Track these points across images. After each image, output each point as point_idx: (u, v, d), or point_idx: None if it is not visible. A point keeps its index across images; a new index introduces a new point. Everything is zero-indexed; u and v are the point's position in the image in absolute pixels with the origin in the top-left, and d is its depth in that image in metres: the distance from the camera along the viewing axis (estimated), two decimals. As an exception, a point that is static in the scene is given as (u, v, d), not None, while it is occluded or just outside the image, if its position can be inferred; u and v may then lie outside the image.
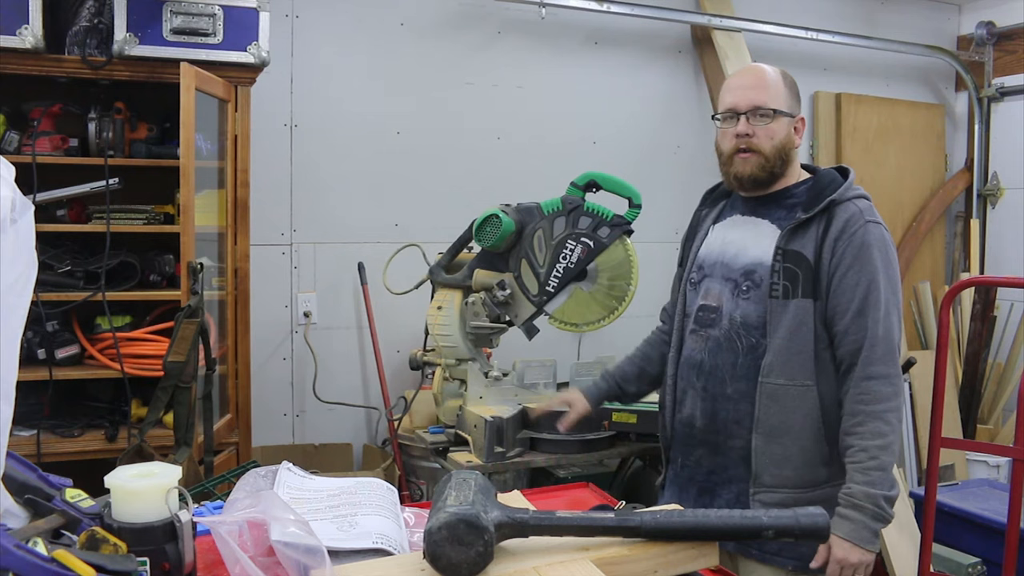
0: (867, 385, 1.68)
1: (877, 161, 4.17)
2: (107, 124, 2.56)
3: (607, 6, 3.50)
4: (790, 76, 1.86)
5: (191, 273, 2.32)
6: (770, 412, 1.74)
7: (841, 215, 1.73)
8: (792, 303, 1.73)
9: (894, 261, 1.75)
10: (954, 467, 3.48)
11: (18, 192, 1.01)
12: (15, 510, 1.00)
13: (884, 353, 1.69)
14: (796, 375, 1.73)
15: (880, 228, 1.74)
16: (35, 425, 2.43)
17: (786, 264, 1.74)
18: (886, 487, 1.64)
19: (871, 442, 1.65)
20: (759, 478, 1.76)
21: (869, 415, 1.66)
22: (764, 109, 1.78)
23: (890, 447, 1.66)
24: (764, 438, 1.75)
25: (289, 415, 3.24)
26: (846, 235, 1.71)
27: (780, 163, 1.80)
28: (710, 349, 1.83)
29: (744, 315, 1.79)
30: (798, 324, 1.72)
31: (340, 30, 3.24)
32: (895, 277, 1.74)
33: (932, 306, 3.94)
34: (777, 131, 1.79)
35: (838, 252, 1.71)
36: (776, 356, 1.74)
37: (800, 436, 1.73)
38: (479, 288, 2.49)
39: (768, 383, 1.74)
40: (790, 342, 1.73)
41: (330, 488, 1.28)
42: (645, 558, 1.06)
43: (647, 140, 3.76)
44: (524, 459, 2.43)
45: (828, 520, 1.10)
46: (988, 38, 4.28)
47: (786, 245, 1.75)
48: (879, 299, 1.69)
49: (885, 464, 1.65)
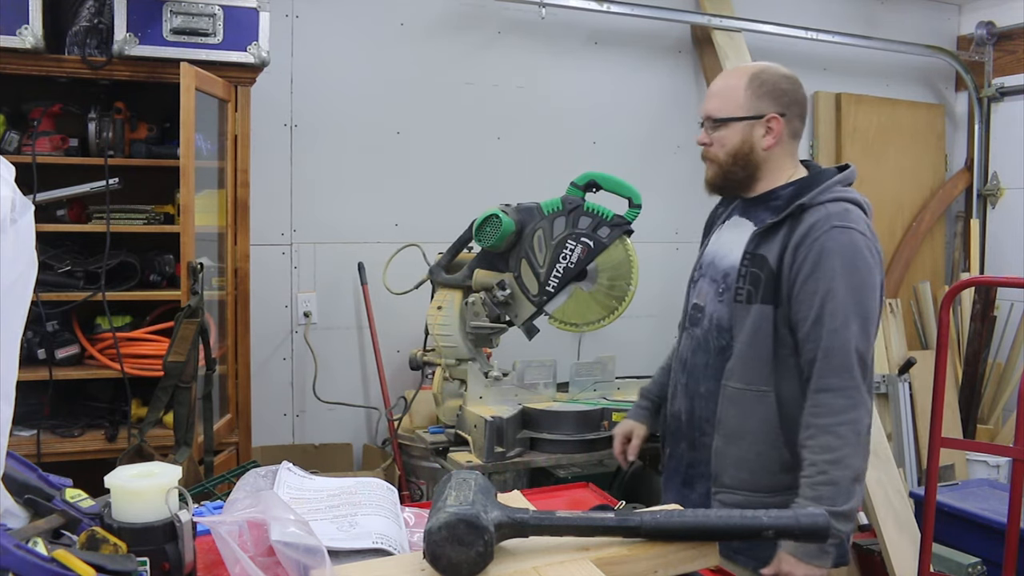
0: (819, 398, 1.64)
1: (877, 161, 4.17)
2: (107, 124, 2.56)
3: (607, 6, 3.50)
4: (768, 74, 1.78)
5: (191, 273, 2.32)
6: (729, 415, 1.76)
7: (808, 220, 1.68)
8: (753, 308, 1.72)
9: (863, 268, 1.65)
10: (954, 467, 3.48)
11: (18, 192, 1.01)
12: (15, 510, 1.00)
13: (839, 365, 1.62)
14: (753, 380, 1.72)
15: (849, 233, 1.65)
16: (35, 425, 2.44)
17: (752, 268, 1.73)
18: (835, 502, 1.58)
19: (820, 456, 1.61)
20: (719, 478, 1.78)
21: (820, 428, 1.63)
22: (713, 119, 1.79)
23: (842, 461, 1.60)
24: (724, 440, 1.77)
25: (289, 415, 3.24)
26: (808, 241, 1.66)
27: (741, 168, 1.79)
28: (692, 347, 1.87)
29: (719, 317, 1.80)
30: (756, 330, 1.71)
31: (340, 30, 3.24)
32: (863, 284, 1.65)
33: (932, 306, 3.94)
34: (728, 138, 1.78)
35: (799, 259, 1.66)
36: (736, 360, 1.74)
37: (756, 441, 1.72)
38: (479, 288, 2.49)
39: (729, 386, 1.75)
40: (749, 347, 1.72)
41: (330, 488, 1.28)
42: (645, 558, 1.06)
43: (647, 140, 3.76)
44: (524, 459, 2.43)
45: (828, 520, 1.10)
46: (988, 38, 4.28)
47: (754, 249, 1.73)
48: (836, 309, 1.63)
49: (836, 479, 1.59)
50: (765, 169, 1.80)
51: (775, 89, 1.77)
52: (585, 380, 2.69)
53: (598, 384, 2.70)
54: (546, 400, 2.59)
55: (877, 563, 2.92)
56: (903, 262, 4.18)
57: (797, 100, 1.80)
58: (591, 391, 2.69)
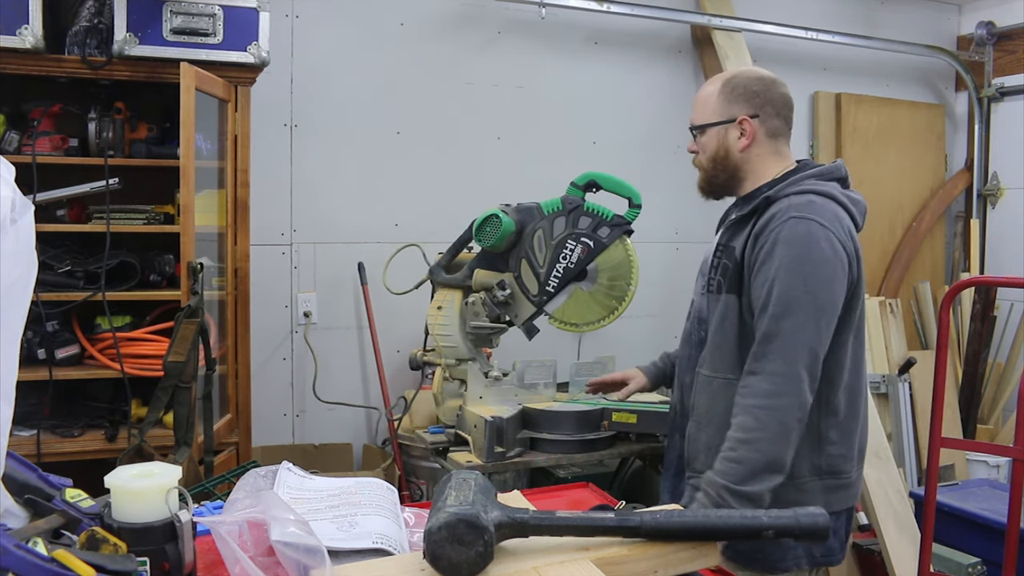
0: (748, 379, 1.67)
1: (877, 161, 4.17)
2: (107, 124, 2.56)
3: (607, 6, 3.50)
4: (740, 78, 1.83)
5: (191, 273, 2.32)
6: (700, 402, 1.82)
7: (771, 211, 1.71)
8: (722, 298, 1.77)
9: (816, 258, 1.64)
10: (954, 467, 3.47)
11: (18, 192, 1.01)
12: (15, 510, 1.00)
13: (774, 351, 1.63)
14: (719, 367, 1.77)
15: (807, 223, 1.65)
16: (35, 425, 2.44)
17: (723, 260, 1.78)
18: (735, 480, 1.60)
19: (734, 433, 1.65)
20: (691, 463, 1.83)
21: (741, 408, 1.66)
22: (692, 126, 1.88)
23: (754, 443, 1.61)
24: (696, 425, 1.83)
25: (289, 415, 3.24)
26: (766, 232, 1.69)
27: (722, 171, 1.85)
28: (682, 341, 1.96)
29: (700, 310, 1.89)
30: (723, 318, 1.76)
31: (340, 30, 3.24)
32: (814, 275, 1.64)
33: (932, 306, 3.94)
34: (707, 144, 1.85)
35: (756, 248, 1.70)
36: (707, 349, 1.81)
37: (722, 427, 1.72)
38: (479, 288, 2.48)
39: (701, 374, 1.83)
40: (716, 335, 1.78)
41: (330, 488, 1.28)
42: (645, 558, 1.06)
43: (647, 140, 3.76)
44: (524, 459, 2.43)
45: (828, 520, 1.10)
46: (988, 38, 4.28)
47: (727, 241, 1.79)
48: (781, 296, 1.64)
49: (743, 458, 1.61)
50: (747, 170, 1.84)
51: (746, 91, 1.82)
52: (585, 380, 2.69)
53: (598, 384, 2.70)
54: (546, 400, 2.59)
55: (877, 563, 2.92)
56: (903, 262, 4.18)
57: (771, 100, 1.82)
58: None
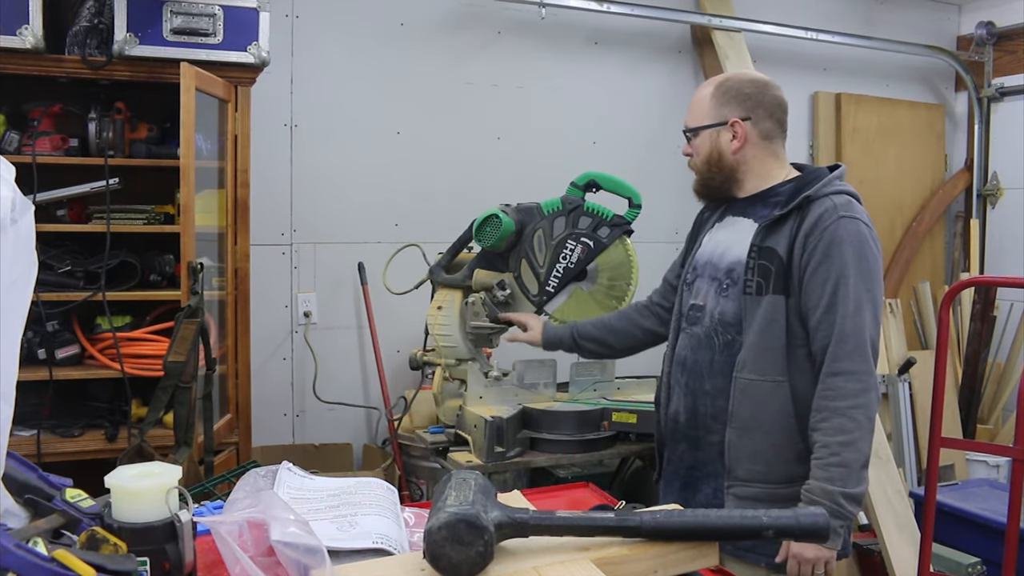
0: (832, 381, 1.67)
1: (877, 161, 4.17)
2: (107, 124, 2.55)
3: (607, 6, 3.50)
4: (732, 81, 1.85)
5: (191, 273, 2.32)
6: (743, 407, 1.77)
7: (815, 211, 1.72)
8: (765, 299, 1.74)
9: (870, 256, 1.70)
10: (954, 467, 3.48)
11: (18, 192, 1.01)
12: (15, 510, 1.00)
13: (852, 349, 1.66)
14: (767, 371, 1.74)
15: (856, 223, 1.70)
16: (35, 425, 2.43)
17: (760, 261, 1.76)
18: (847, 484, 1.62)
19: (833, 438, 1.64)
20: (733, 472, 1.78)
21: (833, 411, 1.65)
22: (686, 129, 1.89)
23: (855, 444, 1.63)
24: (737, 432, 1.77)
25: (289, 415, 3.24)
26: (817, 231, 1.70)
27: (716, 173, 1.86)
28: (692, 346, 1.88)
29: (722, 312, 1.82)
30: (769, 320, 1.73)
31: (340, 30, 3.24)
32: (871, 272, 1.70)
33: (932, 306, 3.94)
34: (699, 147, 1.86)
35: (808, 248, 1.70)
36: (748, 352, 1.76)
37: (772, 431, 1.73)
38: (479, 288, 2.49)
39: (741, 378, 1.77)
40: (762, 338, 1.74)
41: (330, 488, 1.28)
42: (645, 558, 1.06)
43: (647, 140, 3.76)
44: (524, 459, 2.43)
45: (828, 520, 1.10)
46: (988, 38, 4.28)
47: (761, 242, 1.77)
48: (848, 295, 1.67)
49: (848, 461, 1.62)
50: (743, 171, 1.85)
51: (739, 94, 1.83)
52: (585, 380, 2.69)
53: (598, 384, 2.71)
54: (546, 400, 2.59)
55: (877, 563, 2.92)
56: (903, 262, 4.18)
57: (763, 102, 1.83)
58: (591, 391, 2.69)
